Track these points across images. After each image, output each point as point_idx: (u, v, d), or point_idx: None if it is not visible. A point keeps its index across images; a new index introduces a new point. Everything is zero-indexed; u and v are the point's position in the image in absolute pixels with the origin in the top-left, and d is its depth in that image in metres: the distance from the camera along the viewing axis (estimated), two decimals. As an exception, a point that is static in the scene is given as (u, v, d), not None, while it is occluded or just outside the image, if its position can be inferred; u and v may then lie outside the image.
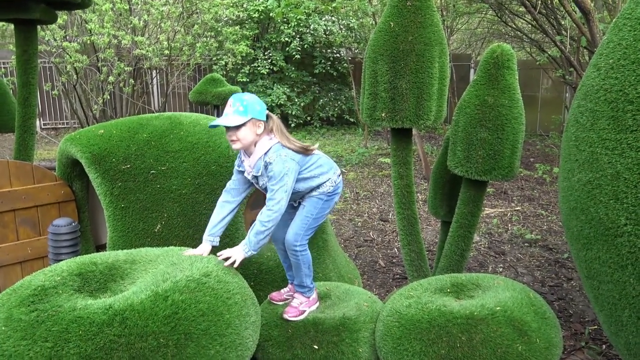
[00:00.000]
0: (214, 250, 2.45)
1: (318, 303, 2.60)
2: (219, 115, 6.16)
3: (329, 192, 2.47)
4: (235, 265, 2.27)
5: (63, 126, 11.19)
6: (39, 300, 1.96)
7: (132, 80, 7.10)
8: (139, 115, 3.49)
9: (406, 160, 3.15)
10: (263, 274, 3.05)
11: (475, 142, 2.79)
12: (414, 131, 7.43)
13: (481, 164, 2.79)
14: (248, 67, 10.92)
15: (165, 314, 1.84)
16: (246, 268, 2.96)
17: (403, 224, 3.22)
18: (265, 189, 2.39)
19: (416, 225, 3.22)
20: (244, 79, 11.04)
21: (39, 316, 1.87)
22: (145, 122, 3.23)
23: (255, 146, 2.34)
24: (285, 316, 2.46)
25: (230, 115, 2.29)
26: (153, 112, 10.55)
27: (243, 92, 5.89)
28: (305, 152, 2.39)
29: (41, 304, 1.94)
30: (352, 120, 12.14)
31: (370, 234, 4.94)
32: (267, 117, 2.37)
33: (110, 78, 6.69)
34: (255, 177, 2.39)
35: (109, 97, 7.08)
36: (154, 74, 9.56)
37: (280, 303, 2.60)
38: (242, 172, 2.47)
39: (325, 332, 2.34)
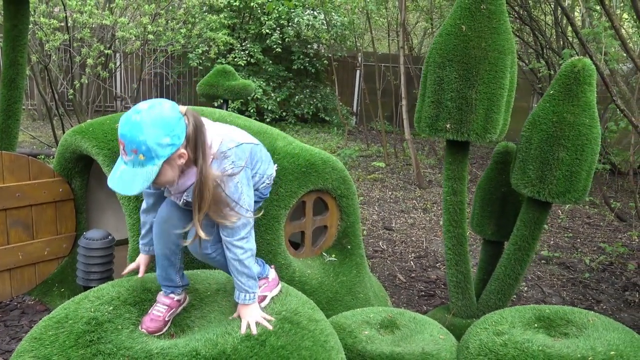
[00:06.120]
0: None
1: (280, 285, 1.96)
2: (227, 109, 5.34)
3: (263, 192, 1.93)
4: (267, 325, 1.69)
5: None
6: (97, 340, 1.59)
7: (112, 64, 6.52)
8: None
9: (462, 175, 2.92)
10: (307, 295, 2.74)
11: (551, 162, 2.59)
12: (407, 134, 7.26)
13: (556, 185, 2.59)
14: (223, 60, 10.39)
15: (268, 364, 1.53)
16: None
17: (452, 243, 2.99)
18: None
19: (465, 244, 3.01)
20: (219, 70, 10.50)
21: (105, 362, 1.50)
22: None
23: (183, 173, 1.65)
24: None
25: (128, 171, 1.50)
26: (121, 97, 9.88)
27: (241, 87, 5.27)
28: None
29: (102, 344, 1.58)
30: (327, 119, 11.87)
31: (380, 244, 4.70)
32: (186, 128, 1.55)
33: (89, 60, 6.11)
34: (189, 203, 1.72)
35: (86, 81, 6.47)
36: (119, 58, 8.93)
37: (161, 332, 1.75)
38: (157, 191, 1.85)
39: (408, 371, 2.07)
